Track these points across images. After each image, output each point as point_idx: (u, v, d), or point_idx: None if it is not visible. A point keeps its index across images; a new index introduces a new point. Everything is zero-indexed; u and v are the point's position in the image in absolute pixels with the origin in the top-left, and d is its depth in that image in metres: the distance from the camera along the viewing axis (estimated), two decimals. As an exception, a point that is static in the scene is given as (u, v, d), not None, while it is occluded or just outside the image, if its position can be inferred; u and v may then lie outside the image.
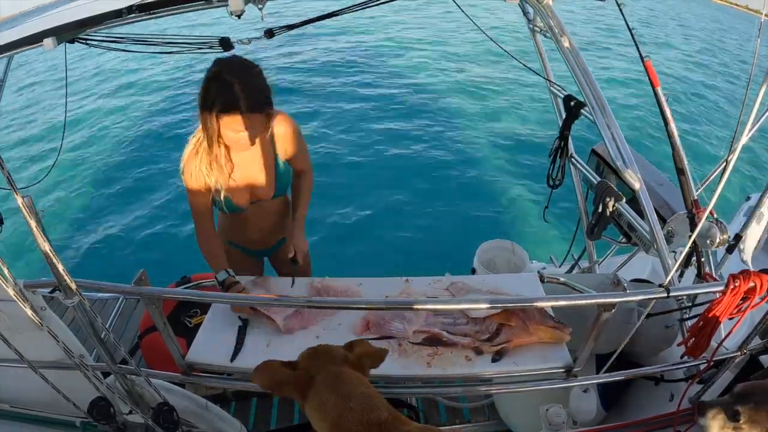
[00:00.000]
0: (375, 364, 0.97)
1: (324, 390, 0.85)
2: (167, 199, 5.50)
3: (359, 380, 0.88)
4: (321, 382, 0.87)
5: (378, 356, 0.98)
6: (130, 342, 2.70)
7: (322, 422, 0.84)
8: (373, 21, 13.07)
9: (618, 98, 8.96)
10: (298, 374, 0.91)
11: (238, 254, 1.95)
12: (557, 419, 1.61)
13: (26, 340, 1.25)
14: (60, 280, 1.07)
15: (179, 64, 9.87)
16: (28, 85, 9.31)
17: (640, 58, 1.64)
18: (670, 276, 1.24)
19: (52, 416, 1.58)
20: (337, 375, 0.87)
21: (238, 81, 1.35)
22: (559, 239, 4.62)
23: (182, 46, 1.67)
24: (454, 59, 10.73)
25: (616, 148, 1.64)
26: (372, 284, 1.71)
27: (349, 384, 0.86)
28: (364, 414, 0.80)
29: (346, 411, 0.81)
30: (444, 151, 6.57)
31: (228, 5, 1.31)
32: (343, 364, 0.91)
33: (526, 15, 2.12)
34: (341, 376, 0.87)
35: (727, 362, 1.43)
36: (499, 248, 2.65)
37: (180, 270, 2.29)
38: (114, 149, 6.69)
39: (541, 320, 1.43)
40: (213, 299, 1.53)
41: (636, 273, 2.57)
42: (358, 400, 0.82)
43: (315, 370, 0.89)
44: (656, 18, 19.64)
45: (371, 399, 0.83)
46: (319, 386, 0.86)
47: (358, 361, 0.93)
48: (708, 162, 6.81)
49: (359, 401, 0.82)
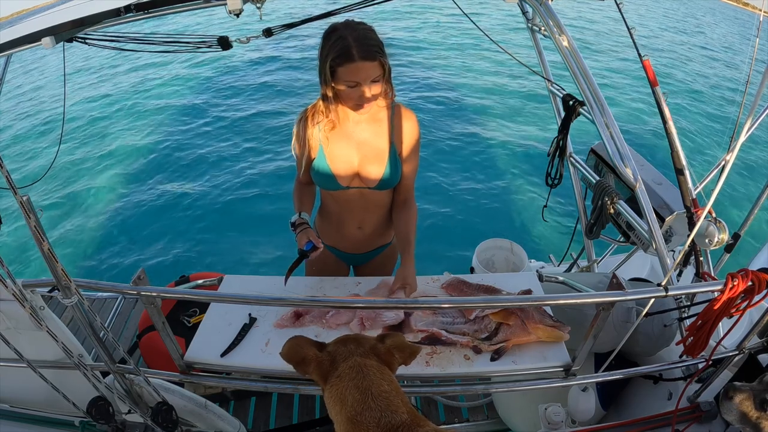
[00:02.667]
0: (407, 360, 0.94)
1: (345, 380, 0.84)
2: (167, 199, 5.50)
3: (383, 375, 0.85)
4: (344, 370, 0.85)
5: (411, 351, 0.95)
6: (129, 341, 2.71)
7: (339, 414, 0.83)
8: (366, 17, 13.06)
9: (617, 97, 8.97)
10: (323, 356, 0.90)
11: (333, 261, 1.90)
12: (556, 418, 1.62)
13: (25, 339, 1.25)
14: (59, 279, 1.06)
15: (179, 64, 9.85)
16: (28, 85, 9.29)
17: (639, 57, 1.64)
18: (668, 275, 1.24)
19: (51, 416, 1.58)
20: (361, 367, 0.85)
21: (350, 33, 1.35)
22: (557, 238, 4.63)
23: (180, 45, 1.67)
24: (451, 57, 10.73)
25: (615, 147, 1.64)
26: (371, 283, 1.70)
27: (372, 378, 0.83)
28: (382, 415, 0.78)
29: (366, 409, 0.79)
30: (442, 151, 6.57)
31: (226, 4, 1.31)
32: (370, 353, 0.89)
33: (525, 14, 2.13)
34: (365, 368, 0.85)
35: (726, 361, 1.44)
36: (497, 247, 2.65)
37: (179, 269, 2.29)
38: (114, 149, 6.68)
39: (539, 319, 1.43)
40: (212, 299, 1.53)
41: (635, 272, 2.58)
42: (378, 399, 0.80)
43: (341, 356, 0.88)
44: (655, 16, 19.65)
45: (393, 398, 0.81)
46: (342, 374, 0.85)
47: (387, 352, 0.91)
48: (707, 161, 6.83)
49: (379, 401, 0.80)
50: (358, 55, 1.34)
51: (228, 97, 8.29)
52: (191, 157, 6.34)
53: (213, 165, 6.14)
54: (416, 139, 1.62)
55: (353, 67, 1.35)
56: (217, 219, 5.15)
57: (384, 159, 1.59)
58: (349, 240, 1.82)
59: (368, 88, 1.40)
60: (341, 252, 1.88)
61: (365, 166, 1.59)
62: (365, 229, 1.77)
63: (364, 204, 1.69)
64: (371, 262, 1.93)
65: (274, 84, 8.82)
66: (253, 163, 6.06)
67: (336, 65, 1.36)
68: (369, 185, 1.62)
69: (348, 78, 1.38)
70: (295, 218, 1.66)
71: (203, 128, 7.17)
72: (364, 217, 1.74)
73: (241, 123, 7.30)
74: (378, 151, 1.58)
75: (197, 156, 6.37)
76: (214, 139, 6.82)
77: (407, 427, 0.77)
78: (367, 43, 1.35)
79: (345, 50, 1.34)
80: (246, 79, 9.10)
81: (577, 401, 1.71)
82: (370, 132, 1.57)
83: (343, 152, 1.58)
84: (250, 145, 6.61)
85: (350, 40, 1.34)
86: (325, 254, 1.82)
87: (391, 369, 0.91)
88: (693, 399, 1.49)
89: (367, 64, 1.36)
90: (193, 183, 5.77)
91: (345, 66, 1.35)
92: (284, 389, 1.44)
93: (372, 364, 0.87)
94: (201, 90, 8.67)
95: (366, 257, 1.91)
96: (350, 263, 1.97)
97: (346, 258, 1.91)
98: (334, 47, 1.36)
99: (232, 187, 5.64)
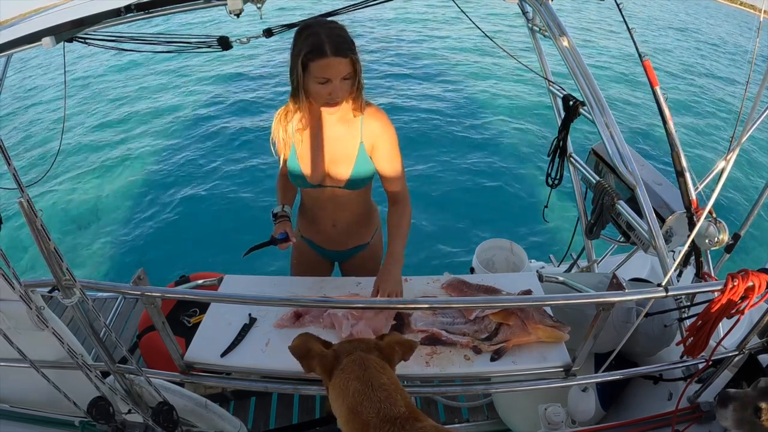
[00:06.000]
0: (406, 354, 1.00)
1: (348, 373, 0.88)
2: (167, 198, 5.50)
3: (384, 369, 0.89)
4: (347, 364, 0.89)
5: (408, 345, 1.01)
6: (129, 341, 2.71)
7: (341, 406, 0.86)
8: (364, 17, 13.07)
9: (617, 97, 8.97)
10: (328, 352, 0.94)
11: (314, 256, 1.93)
12: (556, 418, 1.61)
13: (25, 340, 1.25)
14: (59, 279, 1.07)
15: (180, 63, 9.86)
16: (27, 84, 9.30)
17: (639, 57, 1.64)
18: (668, 275, 1.24)
19: (52, 416, 1.58)
20: (363, 360, 0.89)
21: (322, 30, 1.38)
22: (557, 238, 4.63)
23: (181, 45, 1.67)
24: (449, 57, 10.73)
25: (615, 148, 1.64)
26: (371, 284, 1.70)
27: (373, 372, 0.87)
28: (382, 406, 0.81)
29: (366, 400, 0.82)
30: (441, 151, 6.57)
31: (227, 4, 1.31)
32: (372, 349, 0.93)
33: (525, 14, 2.13)
34: (367, 362, 0.89)
35: (726, 361, 1.44)
36: (497, 247, 2.65)
37: (179, 269, 2.29)
38: (114, 148, 6.68)
39: (539, 319, 1.43)
40: (212, 299, 1.53)
41: (635, 272, 2.58)
42: (378, 391, 0.84)
43: (344, 352, 0.92)
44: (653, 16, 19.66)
45: (392, 391, 0.85)
46: (346, 368, 0.89)
47: (388, 347, 0.96)
48: (707, 161, 6.83)
49: (380, 392, 0.83)
50: (330, 51, 1.35)
51: (228, 97, 8.29)
52: (191, 157, 6.34)
53: (213, 165, 6.14)
54: (389, 138, 1.59)
55: (325, 62, 1.36)
56: (218, 219, 5.15)
57: (352, 159, 1.60)
58: (325, 236, 1.85)
59: (339, 85, 1.41)
60: (320, 248, 1.91)
61: (333, 165, 1.62)
62: (339, 227, 1.79)
63: (336, 203, 1.72)
64: (351, 260, 1.95)
65: (274, 84, 8.83)
66: (254, 163, 6.07)
67: (308, 60, 1.37)
68: (338, 185, 1.64)
69: (319, 74, 1.38)
70: (278, 210, 1.73)
71: (203, 128, 7.17)
72: (337, 215, 1.76)
73: (241, 123, 7.30)
74: (346, 151, 1.59)
75: (197, 156, 6.37)
76: (215, 139, 6.82)
77: (405, 419, 0.80)
78: (339, 41, 1.37)
79: (317, 46, 1.35)
80: (245, 81, 9.10)
81: (577, 401, 1.71)
82: (340, 132, 1.59)
83: (312, 152, 1.61)
84: (250, 145, 6.61)
85: (323, 37, 1.35)
86: (305, 247, 1.90)
87: (391, 364, 0.95)
88: (693, 399, 1.49)
89: (339, 60, 1.37)
90: (193, 183, 5.77)
91: (316, 61, 1.36)
92: (284, 389, 1.44)
93: (373, 359, 0.91)
94: (201, 89, 8.67)
95: (345, 255, 1.93)
96: (332, 260, 2.00)
97: (326, 254, 1.94)
98: (306, 43, 1.37)
99: (232, 187, 5.65)
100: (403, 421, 0.79)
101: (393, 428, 0.78)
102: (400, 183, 1.65)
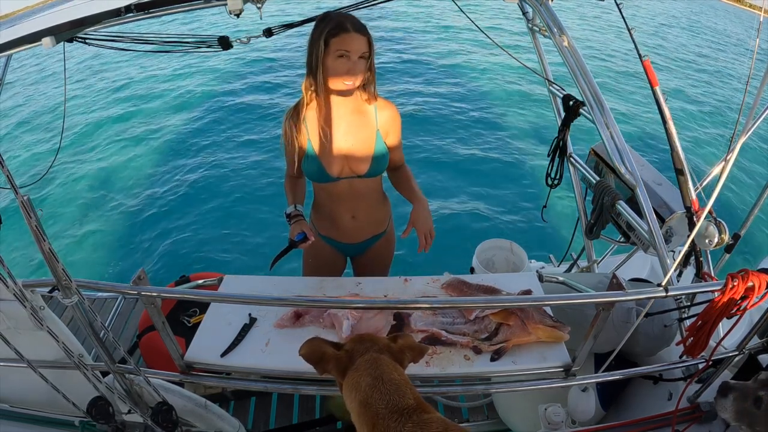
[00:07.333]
0: (416, 358, 1.04)
1: (361, 371, 0.92)
2: (167, 198, 5.49)
3: (394, 367, 0.94)
4: (360, 363, 0.94)
5: (419, 350, 1.05)
6: (129, 341, 2.70)
7: (353, 401, 0.90)
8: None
9: (617, 97, 8.97)
10: (342, 354, 0.98)
11: (329, 253, 1.94)
12: (556, 418, 1.61)
13: (25, 339, 1.25)
14: (59, 279, 1.07)
15: (180, 63, 9.86)
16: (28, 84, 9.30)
17: (639, 57, 1.64)
18: (668, 275, 1.24)
19: (51, 416, 1.58)
20: (375, 359, 0.94)
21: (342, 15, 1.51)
22: (557, 238, 4.63)
23: (181, 45, 1.67)
24: (452, 57, 10.73)
25: (615, 148, 1.64)
26: (371, 284, 1.71)
27: (384, 368, 0.92)
28: (391, 398, 0.86)
29: (376, 392, 0.87)
30: (441, 150, 6.57)
31: (227, 4, 1.31)
32: (384, 350, 0.97)
33: (525, 14, 2.13)
34: (379, 360, 0.94)
35: (726, 361, 1.44)
36: (497, 247, 2.65)
37: (179, 269, 2.29)
38: (113, 148, 6.68)
39: (539, 319, 1.43)
40: (212, 299, 1.53)
41: (635, 272, 2.58)
42: (389, 385, 0.88)
43: (358, 353, 0.96)
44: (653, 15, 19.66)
45: (401, 385, 0.89)
46: (359, 367, 0.93)
47: (399, 351, 1.00)
48: (707, 161, 6.83)
49: (390, 385, 0.88)
50: (352, 28, 1.46)
51: (227, 98, 8.29)
52: (191, 157, 6.34)
53: (213, 165, 6.14)
54: (399, 125, 1.72)
55: (347, 36, 1.45)
56: (218, 219, 5.15)
57: (371, 147, 1.66)
58: (344, 230, 1.86)
59: (356, 62, 1.49)
60: (338, 243, 1.92)
61: (354, 155, 1.66)
62: (359, 218, 1.82)
63: (355, 193, 1.75)
64: (368, 251, 1.97)
65: (276, 84, 8.83)
66: (254, 163, 6.07)
67: (330, 36, 1.46)
68: (359, 173, 1.69)
69: (341, 47, 1.46)
70: (291, 210, 1.74)
71: (204, 129, 7.17)
72: (356, 206, 1.79)
73: (241, 123, 7.30)
74: (365, 140, 1.66)
75: (197, 156, 6.37)
76: (214, 140, 6.82)
77: (413, 410, 0.84)
78: (358, 22, 1.49)
79: (340, 23, 1.46)
80: (248, 74, 9.10)
81: (577, 401, 1.71)
82: (356, 122, 1.64)
83: (332, 145, 1.65)
84: (251, 145, 6.61)
85: (344, 18, 1.48)
86: (320, 245, 1.89)
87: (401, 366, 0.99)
88: (693, 399, 1.49)
89: (360, 36, 1.47)
90: (193, 183, 5.77)
91: (339, 36, 1.45)
92: (284, 389, 1.44)
93: (385, 358, 0.95)
94: (200, 90, 8.67)
95: (362, 246, 1.95)
96: (347, 254, 2.01)
97: (343, 248, 1.95)
98: (328, 23, 1.47)
99: (232, 186, 5.64)
100: (410, 412, 0.83)
101: (401, 418, 0.82)
102: (402, 158, 1.81)
